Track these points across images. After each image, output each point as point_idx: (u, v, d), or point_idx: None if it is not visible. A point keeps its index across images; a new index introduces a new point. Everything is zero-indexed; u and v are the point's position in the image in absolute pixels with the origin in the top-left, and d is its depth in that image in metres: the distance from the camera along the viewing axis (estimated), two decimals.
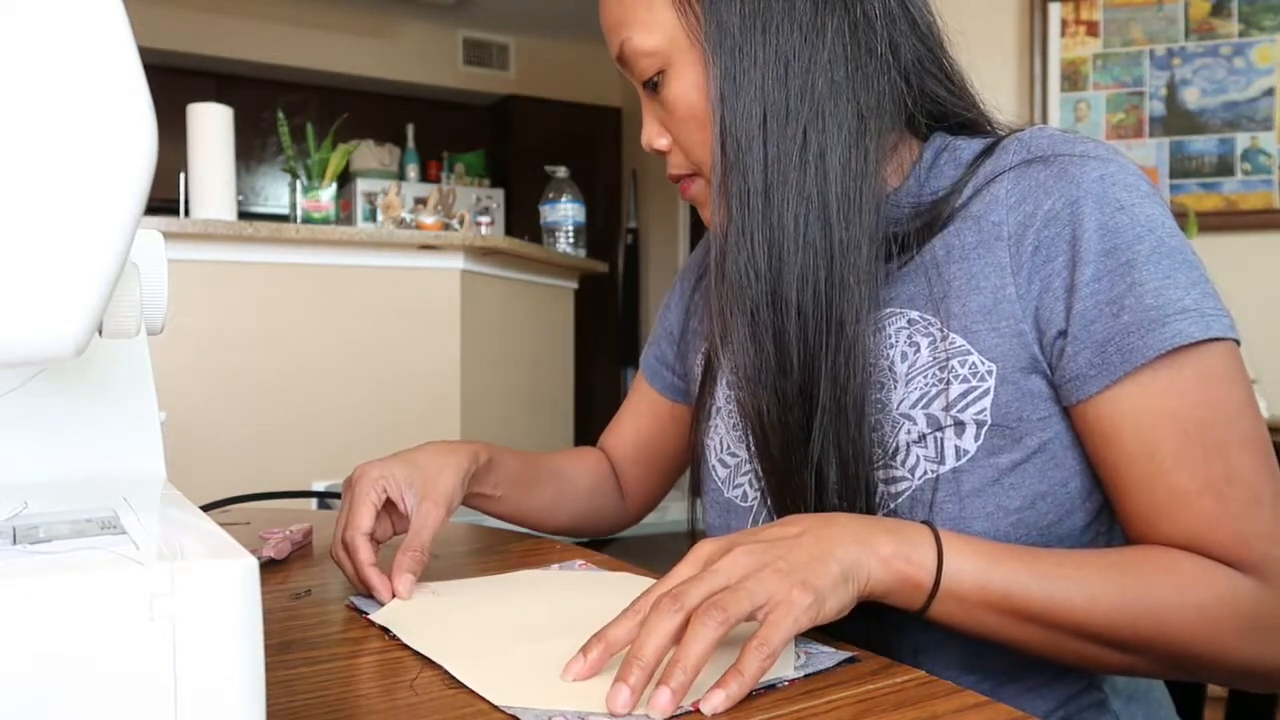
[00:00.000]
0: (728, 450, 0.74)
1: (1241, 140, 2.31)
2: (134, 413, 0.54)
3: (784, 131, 0.61)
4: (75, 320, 0.33)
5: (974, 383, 0.60)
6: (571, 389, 3.36)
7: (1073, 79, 2.46)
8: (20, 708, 0.28)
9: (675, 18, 0.64)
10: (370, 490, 0.69)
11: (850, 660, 0.52)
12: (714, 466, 0.75)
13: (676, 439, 0.89)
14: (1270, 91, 2.28)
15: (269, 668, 0.33)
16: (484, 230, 3.09)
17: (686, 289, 0.88)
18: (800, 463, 0.63)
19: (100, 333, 0.44)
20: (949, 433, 0.60)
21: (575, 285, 3.36)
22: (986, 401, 0.60)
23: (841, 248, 0.61)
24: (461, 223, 2.92)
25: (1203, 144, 2.34)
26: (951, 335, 0.61)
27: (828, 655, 0.52)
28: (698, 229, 5.61)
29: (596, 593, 0.66)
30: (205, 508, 0.83)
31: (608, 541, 1.89)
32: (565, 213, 3.13)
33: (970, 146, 0.66)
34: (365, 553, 0.66)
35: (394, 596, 0.63)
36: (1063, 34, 2.47)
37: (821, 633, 0.55)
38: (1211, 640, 0.54)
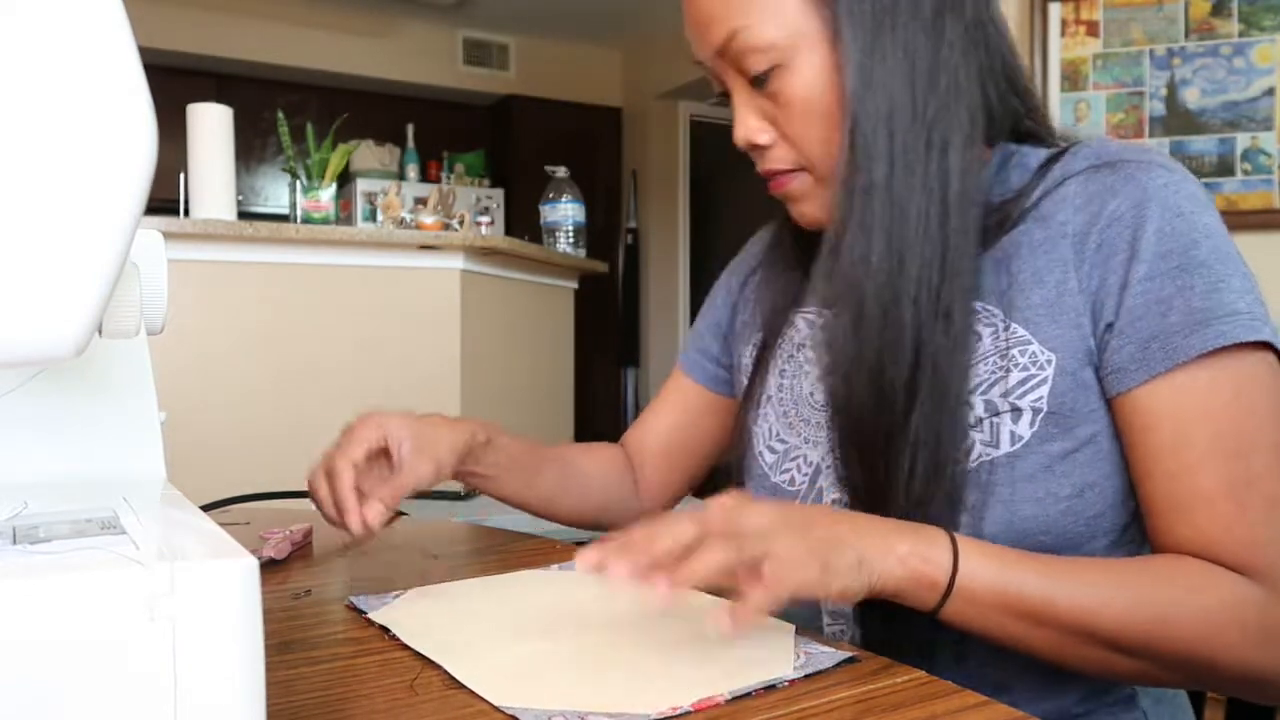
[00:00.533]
0: (776, 437, 0.76)
1: (1241, 140, 2.31)
2: (134, 413, 0.54)
3: (911, 127, 0.63)
4: (75, 320, 0.33)
5: (1033, 371, 0.62)
6: (571, 389, 3.36)
7: (1073, 79, 2.46)
8: (20, 708, 0.28)
9: (803, 10, 0.64)
10: (371, 433, 0.72)
11: (850, 660, 0.52)
12: (761, 452, 0.77)
13: (710, 433, 0.90)
14: (1270, 91, 2.28)
15: (269, 668, 0.33)
16: (484, 230, 3.09)
17: (735, 285, 0.89)
18: (899, 449, 0.63)
19: (100, 333, 0.44)
20: (1005, 418, 0.62)
21: (575, 285, 3.36)
22: (1044, 390, 0.61)
23: (955, 239, 0.63)
24: (461, 223, 2.92)
25: (1203, 144, 2.34)
26: (1014, 325, 0.63)
27: (827, 655, 0.52)
28: (698, 229, 5.61)
29: (596, 593, 0.66)
30: (205, 508, 0.83)
31: None
32: (565, 213, 3.13)
33: (1036, 154, 0.68)
34: (348, 477, 0.69)
35: (363, 526, 0.67)
36: (1063, 34, 2.47)
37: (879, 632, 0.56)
38: (1217, 645, 0.54)
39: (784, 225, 0.83)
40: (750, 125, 0.68)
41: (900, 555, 0.54)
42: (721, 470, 0.83)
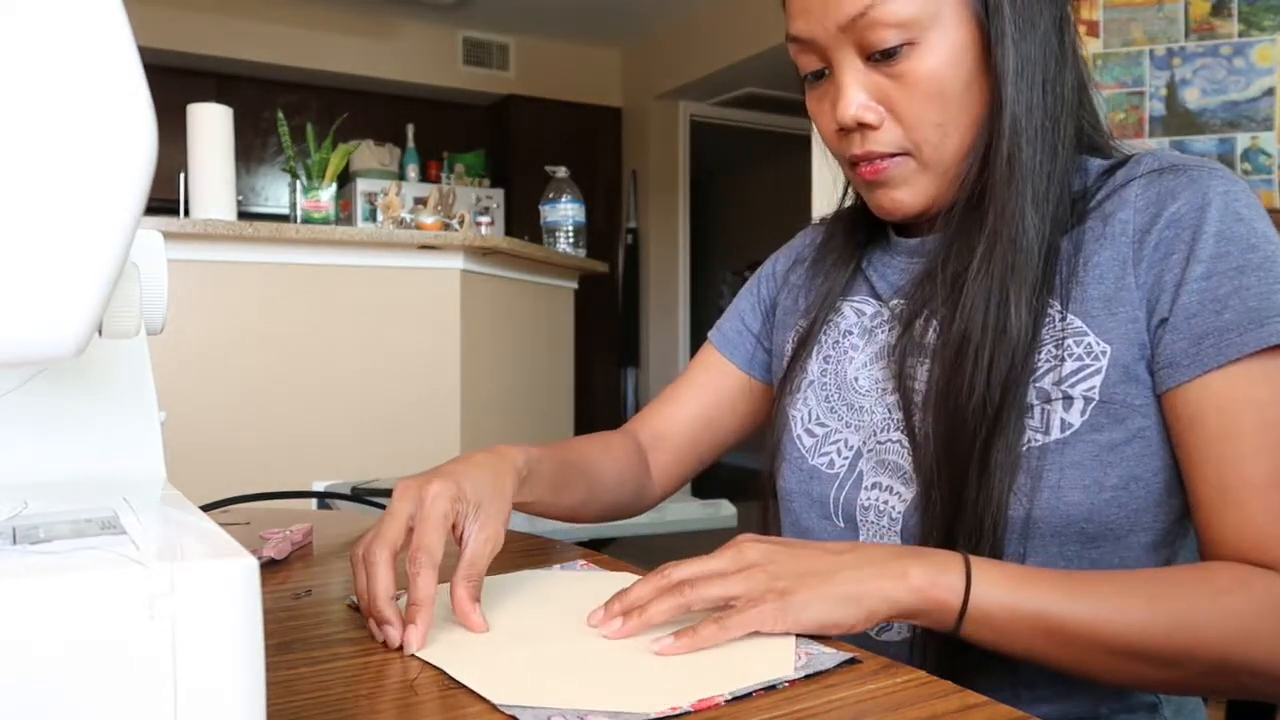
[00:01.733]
0: (816, 420, 0.77)
1: (1242, 140, 2.31)
2: (134, 413, 0.54)
3: (1043, 119, 0.66)
4: (75, 320, 0.33)
5: (1088, 361, 0.63)
6: (571, 389, 3.36)
7: None
8: (20, 707, 0.28)
9: None
10: (411, 508, 0.61)
11: (851, 661, 0.52)
12: (799, 435, 0.78)
13: (739, 417, 0.90)
14: (1270, 91, 2.28)
15: (269, 668, 0.33)
16: (484, 230, 3.09)
17: (780, 272, 0.90)
18: (989, 428, 0.64)
19: (100, 333, 0.44)
20: (1057, 406, 0.63)
21: (575, 285, 3.36)
22: (1097, 380, 0.63)
23: (1054, 231, 0.66)
24: (461, 223, 2.92)
25: (1203, 144, 2.34)
26: (1070, 317, 0.65)
27: (828, 656, 0.52)
28: (697, 229, 5.60)
29: (597, 593, 0.66)
30: (205, 508, 0.83)
31: (607, 541, 1.89)
32: (565, 213, 3.13)
33: (1097, 163, 0.70)
34: (384, 579, 0.57)
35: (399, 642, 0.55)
36: None
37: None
38: (1251, 647, 0.53)
39: (836, 220, 0.84)
40: (860, 101, 0.68)
41: (911, 581, 0.55)
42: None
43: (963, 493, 0.64)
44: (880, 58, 0.66)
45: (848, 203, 0.83)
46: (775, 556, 0.56)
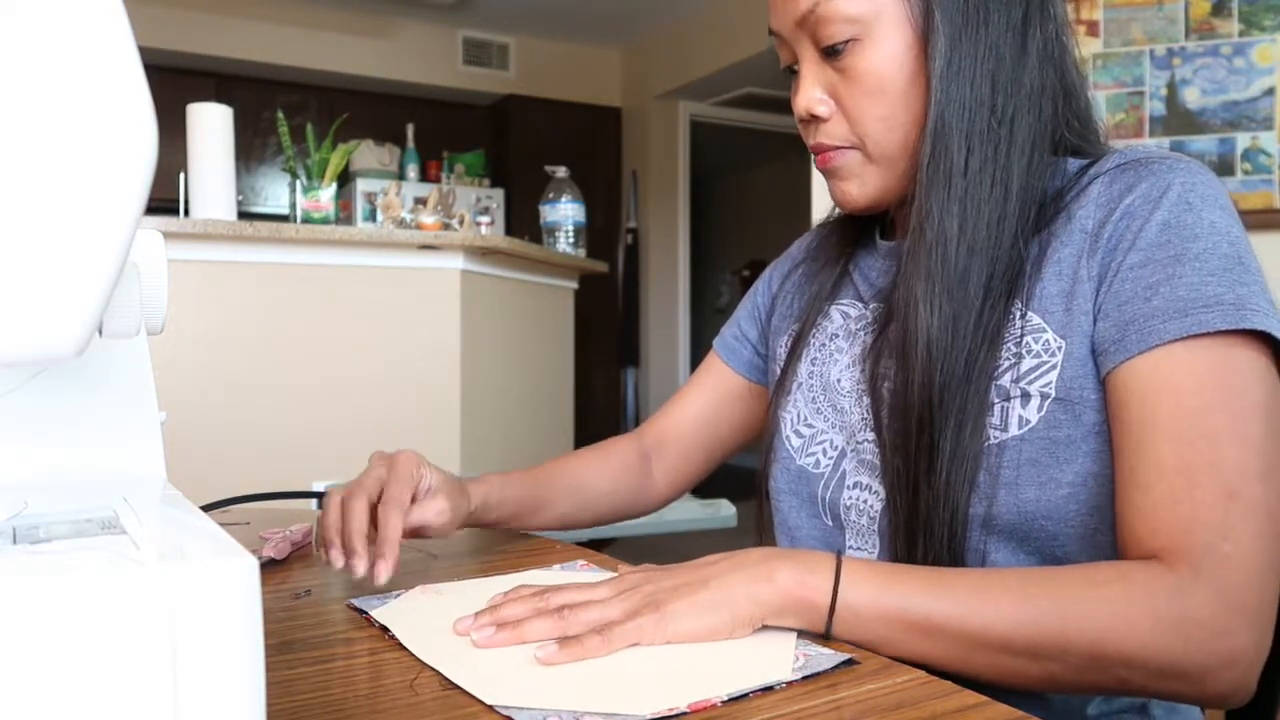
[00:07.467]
0: (804, 422, 0.78)
1: (1242, 140, 2.31)
2: (134, 413, 0.54)
3: (989, 121, 0.66)
4: (75, 320, 0.33)
5: (1045, 358, 0.63)
6: (571, 389, 3.36)
7: None
8: (19, 708, 0.28)
9: None
10: (415, 470, 0.72)
11: (849, 663, 0.52)
12: (788, 437, 0.79)
13: (736, 420, 0.92)
14: (1270, 91, 2.28)
15: (269, 668, 0.33)
16: (484, 230, 3.09)
17: (776, 279, 0.92)
18: (940, 430, 0.64)
19: (100, 333, 0.44)
20: (1015, 403, 0.64)
21: (575, 285, 3.36)
22: (1053, 375, 0.63)
23: (1011, 234, 0.66)
24: (461, 223, 2.92)
25: (1203, 144, 2.34)
26: (1030, 314, 0.65)
27: (826, 658, 0.52)
28: (697, 229, 5.61)
29: None
30: (205, 508, 0.83)
31: (608, 541, 1.89)
32: (565, 213, 3.13)
33: (1075, 163, 0.70)
34: (396, 520, 0.67)
35: (368, 572, 0.65)
36: None
37: None
38: (1125, 635, 0.52)
39: (830, 224, 0.86)
40: (813, 96, 0.70)
41: (778, 583, 0.55)
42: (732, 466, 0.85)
43: (918, 491, 0.65)
44: (830, 53, 0.68)
45: None
46: (653, 578, 0.58)
